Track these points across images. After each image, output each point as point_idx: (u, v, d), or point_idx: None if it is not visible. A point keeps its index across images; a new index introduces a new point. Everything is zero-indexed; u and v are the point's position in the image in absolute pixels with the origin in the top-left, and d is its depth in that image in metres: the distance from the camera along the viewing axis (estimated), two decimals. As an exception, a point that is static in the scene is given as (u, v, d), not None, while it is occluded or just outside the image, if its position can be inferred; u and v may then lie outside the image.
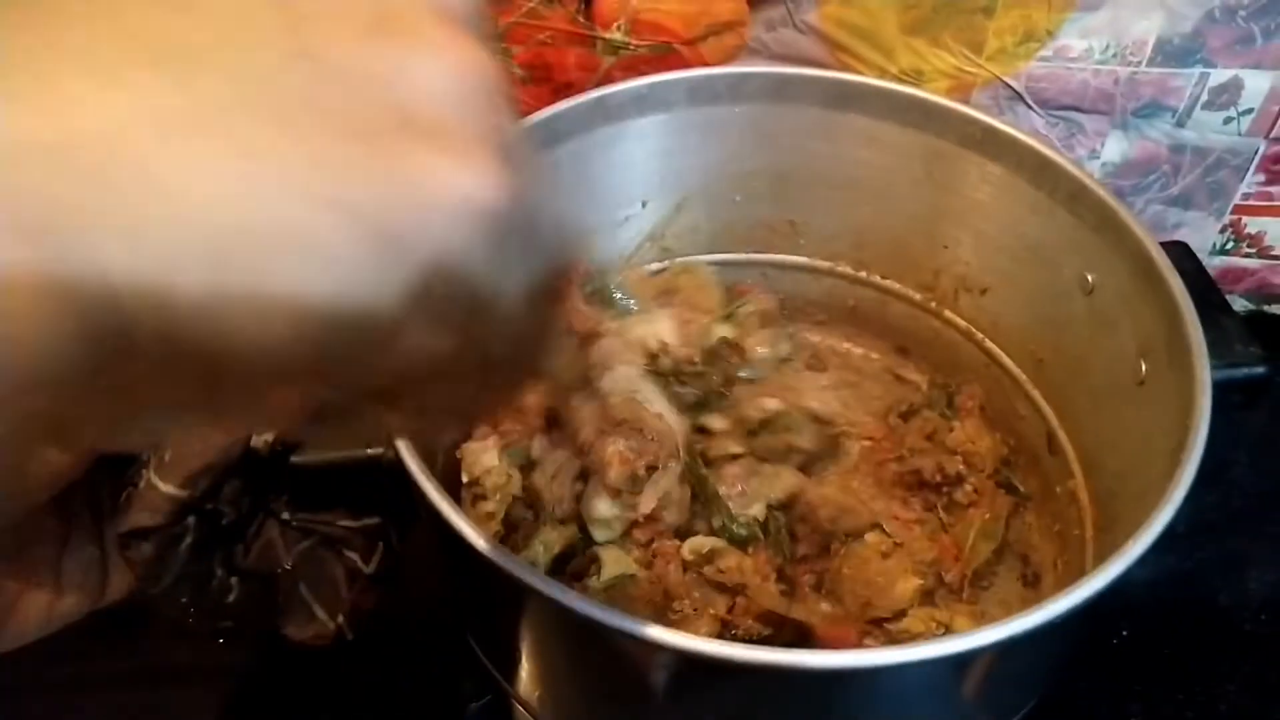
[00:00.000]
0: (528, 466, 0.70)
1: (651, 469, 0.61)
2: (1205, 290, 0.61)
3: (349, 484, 0.61)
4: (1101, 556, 0.61)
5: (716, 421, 0.65)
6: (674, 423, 0.63)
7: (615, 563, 0.62)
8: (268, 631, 0.75)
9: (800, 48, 0.88)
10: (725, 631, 0.62)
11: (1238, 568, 0.82)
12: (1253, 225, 0.96)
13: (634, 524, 0.62)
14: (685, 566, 0.62)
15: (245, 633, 0.75)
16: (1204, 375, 0.53)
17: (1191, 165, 0.91)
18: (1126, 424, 0.63)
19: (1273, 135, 0.88)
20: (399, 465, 0.52)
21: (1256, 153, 0.90)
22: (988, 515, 0.69)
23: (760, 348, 0.68)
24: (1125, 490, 0.60)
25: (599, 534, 0.63)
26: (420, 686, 0.73)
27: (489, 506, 0.67)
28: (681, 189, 0.79)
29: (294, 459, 0.59)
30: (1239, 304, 1.01)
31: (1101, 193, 0.64)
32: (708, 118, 0.75)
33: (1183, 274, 0.60)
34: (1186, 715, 0.73)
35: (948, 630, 0.64)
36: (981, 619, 0.66)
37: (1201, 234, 0.96)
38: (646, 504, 0.61)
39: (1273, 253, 0.97)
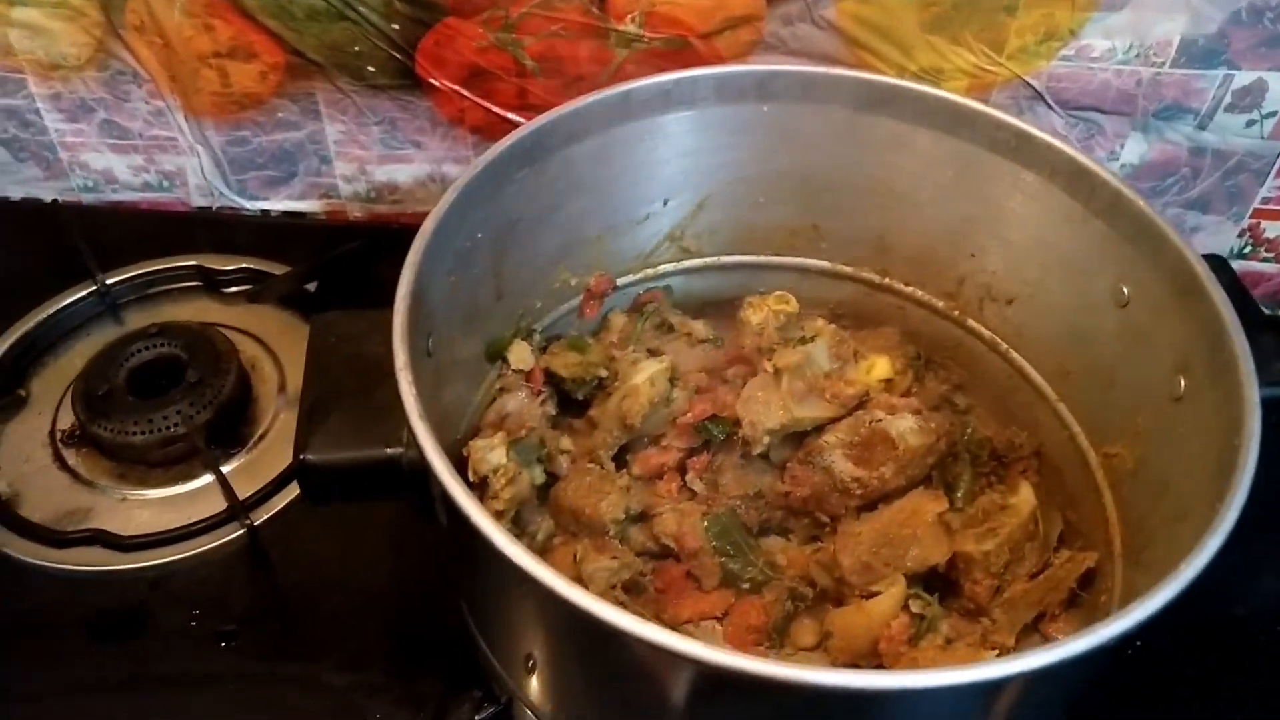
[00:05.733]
0: (548, 473, 0.69)
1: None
2: (1243, 304, 0.59)
3: (365, 485, 0.59)
4: (1135, 575, 0.60)
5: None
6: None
7: None
8: (269, 637, 0.74)
9: (817, 44, 0.86)
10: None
11: (1254, 578, 0.81)
12: (1271, 230, 0.95)
13: None
14: None
15: (249, 636, 0.74)
16: (1252, 395, 0.52)
17: (1211, 168, 0.91)
18: (1161, 442, 0.61)
19: (1295, 140, 0.87)
20: (421, 465, 0.51)
21: (1278, 156, 0.89)
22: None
23: None
24: (1161, 509, 0.59)
25: None
26: (429, 693, 0.71)
27: (497, 505, 0.65)
28: (704, 188, 0.77)
29: (307, 457, 0.57)
30: (1254, 309, 1.00)
31: (1140, 202, 0.62)
32: (734, 116, 0.73)
33: (1220, 287, 0.58)
34: (1200, 728, 0.73)
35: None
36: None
37: (1219, 238, 0.95)
38: None
39: (1290, 258, 0.97)
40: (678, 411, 0.72)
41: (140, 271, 0.97)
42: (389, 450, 0.55)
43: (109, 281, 0.95)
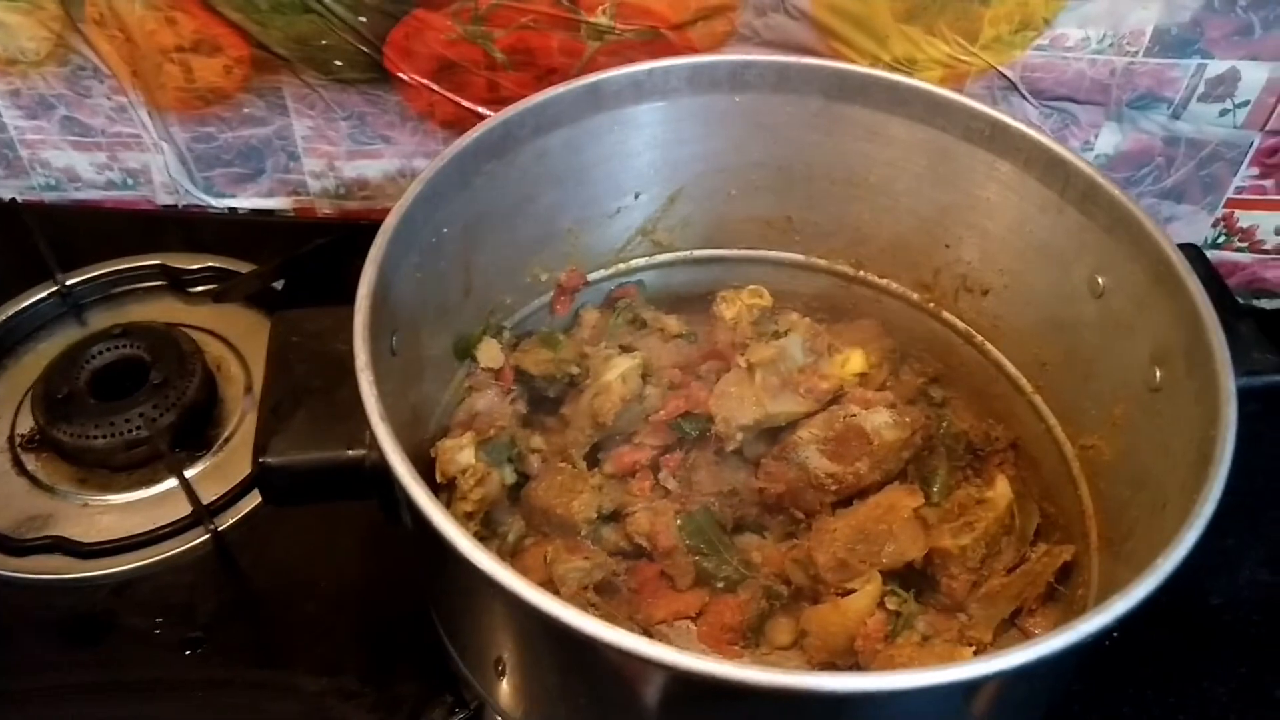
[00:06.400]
0: (519, 472, 0.68)
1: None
2: (1220, 294, 0.59)
3: (328, 487, 0.58)
4: (1113, 567, 0.60)
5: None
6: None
7: None
8: (237, 643, 0.72)
9: (791, 34, 0.85)
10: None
11: (1230, 567, 0.81)
12: (1245, 219, 0.95)
13: None
14: None
15: (216, 643, 0.72)
16: (1228, 385, 0.52)
17: (1185, 158, 0.90)
18: (1139, 432, 0.61)
19: (1268, 128, 0.87)
20: (383, 467, 0.49)
21: (1251, 145, 0.89)
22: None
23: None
24: (1139, 500, 0.59)
25: None
26: (404, 697, 0.70)
27: (466, 507, 0.64)
28: (676, 181, 0.76)
29: (266, 459, 0.56)
30: (1229, 299, 1.00)
31: (1115, 192, 0.62)
32: (706, 107, 0.72)
33: (1197, 277, 0.58)
34: (1178, 718, 0.72)
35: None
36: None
37: (1194, 228, 0.95)
38: None
39: (1264, 247, 0.97)
40: (651, 409, 0.71)
41: (102, 272, 0.95)
42: (351, 452, 0.54)
43: (70, 282, 0.93)
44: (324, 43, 0.89)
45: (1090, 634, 0.44)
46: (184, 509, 0.78)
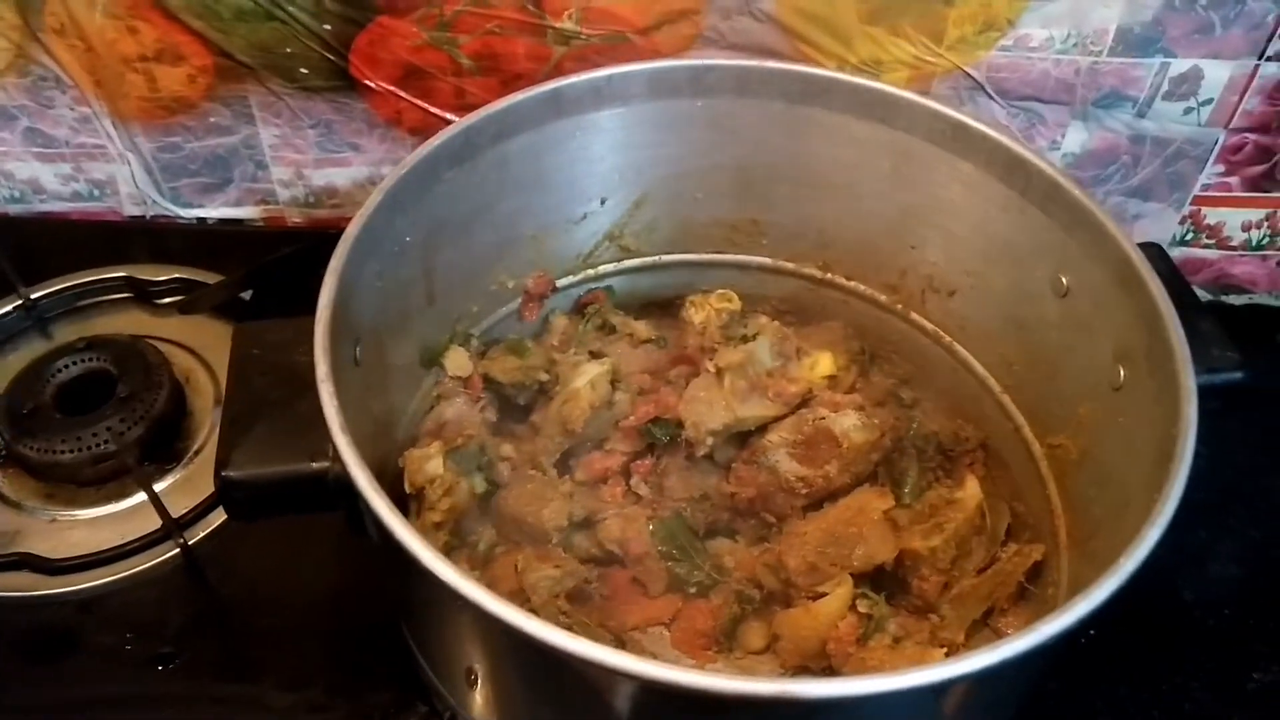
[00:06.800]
0: (489, 481, 0.68)
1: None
2: (1181, 292, 0.59)
3: (292, 500, 0.57)
4: (1081, 566, 0.60)
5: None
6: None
7: None
8: (207, 658, 0.72)
9: (757, 37, 0.85)
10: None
11: (1200, 562, 0.81)
12: (1212, 216, 0.95)
13: None
14: None
15: (187, 658, 0.71)
16: (1189, 383, 0.52)
17: (1151, 156, 0.91)
18: (1103, 431, 0.61)
19: (1232, 125, 0.88)
20: (346, 480, 0.49)
21: (1216, 143, 0.89)
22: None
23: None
24: (1105, 498, 0.59)
25: None
26: (375, 708, 0.70)
27: (435, 517, 0.64)
28: (641, 186, 0.76)
29: (228, 473, 0.55)
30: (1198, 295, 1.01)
31: (1076, 191, 0.62)
32: (668, 112, 0.72)
33: (1157, 275, 0.58)
34: (1153, 714, 0.73)
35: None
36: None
37: (1161, 225, 0.96)
38: None
39: (1231, 243, 0.97)
40: (620, 415, 0.71)
41: (67, 284, 0.94)
42: (314, 464, 0.53)
43: (34, 295, 0.92)
44: (288, 50, 0.88)
45: (1055, 634, 0.44)
46: (153, 523, 0.77)
